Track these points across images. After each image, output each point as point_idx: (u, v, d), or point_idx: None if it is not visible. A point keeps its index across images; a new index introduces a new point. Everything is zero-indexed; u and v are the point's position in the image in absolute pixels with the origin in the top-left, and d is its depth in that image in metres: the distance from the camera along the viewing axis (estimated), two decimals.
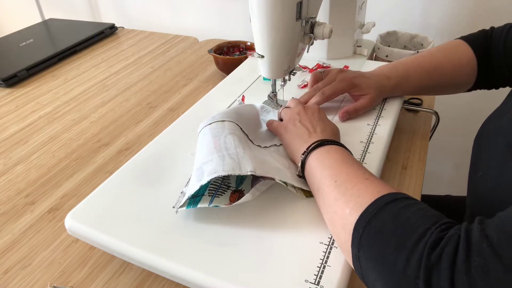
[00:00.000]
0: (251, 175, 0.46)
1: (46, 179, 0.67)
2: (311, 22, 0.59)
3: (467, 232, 0.32)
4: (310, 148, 0.49)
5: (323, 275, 0.40)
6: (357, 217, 0.38)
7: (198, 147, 0.53)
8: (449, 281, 0.30)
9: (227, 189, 0.50)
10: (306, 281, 0.40)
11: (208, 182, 0.46)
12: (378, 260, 0.34)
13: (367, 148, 0.57)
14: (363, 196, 0.39)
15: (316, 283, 0.39)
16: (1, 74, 0.97)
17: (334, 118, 0.64)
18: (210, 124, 0.54)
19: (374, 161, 0.55)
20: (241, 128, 0.54)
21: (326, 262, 0.41)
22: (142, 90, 0.93)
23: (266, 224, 0.46)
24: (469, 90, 0.67)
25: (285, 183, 0.48)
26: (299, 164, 0.49)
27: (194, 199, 0.47)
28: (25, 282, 0.50)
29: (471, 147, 0.56)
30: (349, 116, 0.64)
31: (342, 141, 0.51)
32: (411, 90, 0.67)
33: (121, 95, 0.92)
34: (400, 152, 0.68)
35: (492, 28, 0.63)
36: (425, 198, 0.84)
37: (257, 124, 0.61)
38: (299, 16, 0.55)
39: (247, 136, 0.55)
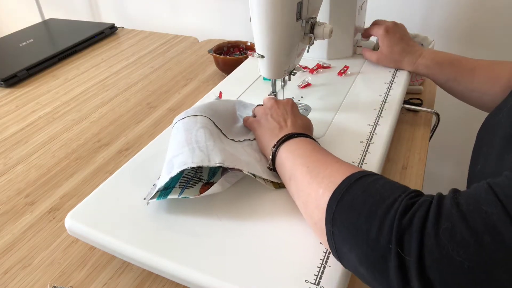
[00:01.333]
0: (222, 167, 0.47)
1: (46, 179, 0.67)
2: (311, 22, 0.59)
3: (439, 199, 0.33)
4: (280, 141, 0.50)
5: (323, 275, 0.40)
6: (329, 195, 0.39)
7: (170, 141, 0.54)
8: (418, 244, 0.30)
9: (198, 181, 0.51)
10: (306, 281, 0.40)
11: (180, 174, 0.48)
12: (351, 231, 0.36)
13: (367, 148, 0.57)
14: (335, 176, 0.40)
15: (316, 283, 0.39)
16: (1, 74, 0.97)
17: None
18: (183, 118, 0.55)
19: (374, 161, 0.55)
20: (214, 123, 0.55)
21: (326, 262, 0.41)
22: (142, 90, 0.93)
23: (266, 224, 0.46)
24: None
25: (253, 175, 0.49)
26: (270, 157, 0.51)
27: (165, 191, 0.48)
28: (25, 282, 0.50)
29: (472, 147, 0.56)
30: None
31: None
32: (441, 78, 0.71)
33: (121, 95, 0.92)
34: (400, 152, 0.68)
35: None
36: None
37: (232, 118, 0.61)
38: (299, 16, 0.55)
39: (220, 131, 0.56)
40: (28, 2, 1.62)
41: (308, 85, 0.75)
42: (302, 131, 0.53)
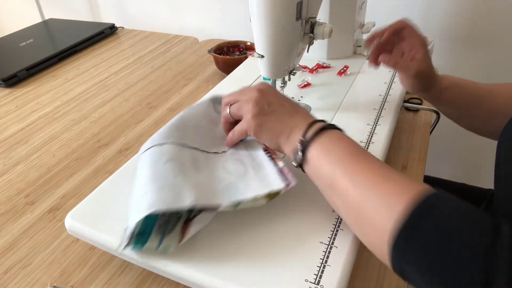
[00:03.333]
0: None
1: (46, 179, 0.67)
2: (311, 22, 0.59)
3: None
4: (310, 135, 0.44)
5: (323, 275, 0.40)
6: (392, 225, 0.34)
7: (137, 174, 0.48)
8: None
9: (177, 221, 0.44)
10: (306, 280, 0.40)
11: (152, 216, 0.42)
12: (428, 275, 0.32)
13: (367, 148, 0.57)
14: (395, 197, 0.36)
15: (316, 283, 0.39)
16: (1, 74, 0.97)
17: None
18: (149, 149, 0.50)
19: None
20: (186, 144, 0.51)
21: (326, 262, 0.41)
22: (142, 90, 0.93)
23: (266, 223, 0.46)
24: None
25: (236, 205, 0.44)
26: (297, 155, 0.44)
27: (142, 236, 0.43)
28: (25, 282, 0.50)
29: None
30: (387, 62, 0.58)
31: None
32: (461, 103, 0.61)
33: (121, 95, 0.92)
34: (400, 152, 0.68)
35: None
36: (440, 181, 0.85)
37: (211, 123, 0.56)
38: (299, 16, 0.55)
39: (198, 149, 0.51)
40: (28, 2, 1.62)
41: (308, 85, 0.75)
42: (311, 118, 0.46)
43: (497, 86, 0.60)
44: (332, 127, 0.45)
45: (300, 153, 0.44)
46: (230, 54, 1.00)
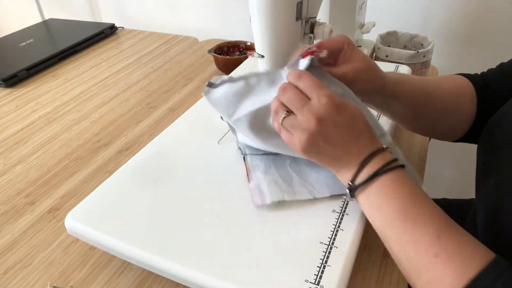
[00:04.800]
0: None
1: (46, 179, 0.67)
2: (311, 22, 0.59)
3: None
4: (358, 180, 0.41)
5: (323, 275, 0.40)
6: None
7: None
8: None
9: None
10: (306, 281, 0.40)
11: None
12: None
13: None
14: (466, 268, 0.34)
15: (316, 283, 0.39)
16: (1, 74, 0.97)
17: None
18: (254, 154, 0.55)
19: None
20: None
21: (326, 262, 0.41)
22: (142, 90, 0.93)
23: (266, 224, 0.46)
24: (471, 129, 0.57)
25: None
26: (347, 196, 0.43)
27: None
28: (25, 282, 0.50)
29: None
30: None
31: None
32: (408, 98, 0.54)
33: (121, 95, 0.92)
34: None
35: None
36: None
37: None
38: (299, 16, 0.55)
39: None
40: (28, 2, 1.62)
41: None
42: (367, 152, 0.41)
43: (442, 81, 0.57)
44: (391, 167, 0.40)
45: (350, 197, 0.43)
46: (230, 54, 1.00)
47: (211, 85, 0.51)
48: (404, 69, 0.78)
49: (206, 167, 0.55)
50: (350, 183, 0.42)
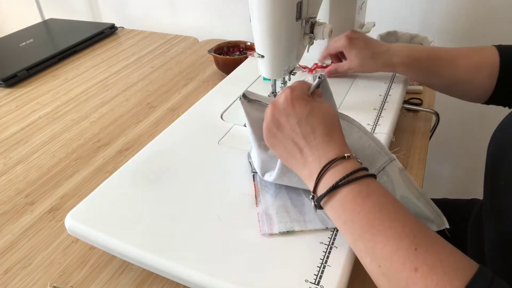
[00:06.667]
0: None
1: (46, 179, 0.67)
2: (311, 22, 0.59)
3: None
4: (320, 190, 0.39)
5: (323, 275, 0.40)
6: None
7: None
8: None
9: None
10: (306, 281, 0.40)
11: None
12: None
13: None
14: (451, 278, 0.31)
15: (316, 283, 0.39)
16: (1, 74, 0.97)
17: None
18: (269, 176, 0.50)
19: None
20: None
21: (326, 262, 0.41)
22: (142, 90, 0.93)
23: None
24: (486, 103, 0.62)
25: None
26: (311, 199, 0.41)
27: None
28: (25, 282, 0.50)
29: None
30: (328, 75, 0.70)
31: None
32: (421, 75, 0.65)
33: (121, 95, 0.92)
34: (400, 152, 0.68)
35: None
36: None
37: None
38: (299, 16, 0.55)
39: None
40: (28, 2, 1.62)
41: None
42: (324, 144, 0.40)
43: (459, 54, 0.62)
44: (353, 177, 0.38)
45: (316, 208, 0.41)
46: (230, 54, 1.00)
47: (245, 97, 0.50)
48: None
49: (206, 167, 0.55)
50: (313, 194, 0.40)
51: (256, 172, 0.52)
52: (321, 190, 0.39)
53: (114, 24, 1.26)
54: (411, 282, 0.32)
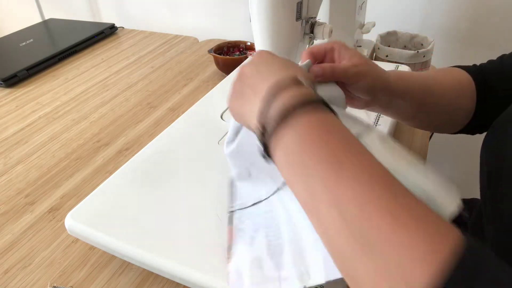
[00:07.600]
0: None
1: (46, 179, 0.67)
2: (311, 22, 0.59)
3: None
4: (263, 130, 0.31)
5: None
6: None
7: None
8: None
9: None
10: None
11: None
12: None
13: None
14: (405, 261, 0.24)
15: None
16: (1, 74, 0.97)
17: None
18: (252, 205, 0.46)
19: None
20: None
21: None
22: (142, 90, 0.93)
23: None
24: (470, 122, 0.56)
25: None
26: (261, 145, 0.33)
27: None
28: (25, 282, 0.50)
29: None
30: (322, 71, 0.46)
31: None
32: (411, 95, 0.53)
33: (121, 95, 0.92)
34: None
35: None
36: None
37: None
38: (299, 16, 0.55)
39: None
40: (28, 2, 1.62)
41: None
42: (284, 79, 0.32)
43: (442, 76, 0.56)
44: (309, 103, 0.29)
45: (263, 152, 0.32)
46: (230, 54, 1.00)
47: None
48: (404, 69, 0.78)
49: (206, 167, 0.55)
50: (260, 128, 0.31)
51: (233, 211, 0.47)
52: (271, 118, 0.31)
53: (114, 24, 1.26)
54: (393, 237, 0.24)
